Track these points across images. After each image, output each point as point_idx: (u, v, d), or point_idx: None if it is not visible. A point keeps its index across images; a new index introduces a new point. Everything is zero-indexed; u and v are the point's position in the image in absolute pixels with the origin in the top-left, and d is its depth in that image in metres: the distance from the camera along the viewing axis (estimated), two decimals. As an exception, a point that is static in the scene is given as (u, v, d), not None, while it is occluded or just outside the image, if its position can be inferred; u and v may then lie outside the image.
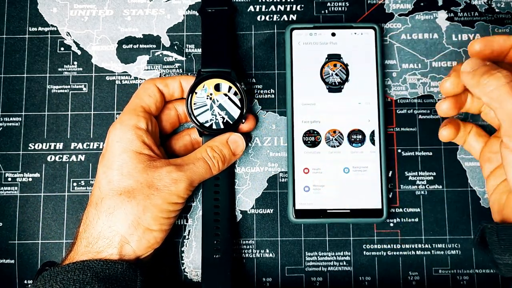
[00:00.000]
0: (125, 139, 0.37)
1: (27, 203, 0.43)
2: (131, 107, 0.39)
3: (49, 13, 0.45)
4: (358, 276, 0.42)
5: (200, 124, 0.40)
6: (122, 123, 0.38)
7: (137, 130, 0.38)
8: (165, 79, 0.41)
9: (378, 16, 0.45)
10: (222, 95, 0.40)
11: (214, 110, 0.40)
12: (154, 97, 0.40)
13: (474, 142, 0.40)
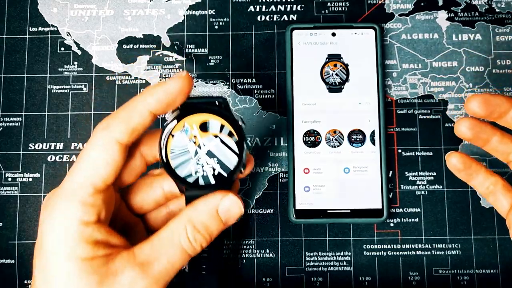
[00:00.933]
0: (66, 245, 0.26)
1: (27, 203, 0.43)
2: (75, 183, 0.28)
3: (49, 13, 0.45)
4: (358, 276, 0.42)
5: (181, 179, 0.29)
6: (59, 216, 0.27)
7: (83, 227, 0.27)
8: (128, 119, 0.28)
9: (379, 16, 0.45)
10: (211, 137, 0.29)
11: (200, 159, 0.29)
12: (114, 162, 0.28)
13: (502, 198, 0.33)
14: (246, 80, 0.44)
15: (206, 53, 0.45)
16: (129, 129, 0.28)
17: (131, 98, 0.30)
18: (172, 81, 0.28)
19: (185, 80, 0.28)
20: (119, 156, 0.28)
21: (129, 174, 0.31)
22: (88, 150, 0.28)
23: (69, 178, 0.28)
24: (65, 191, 0.28)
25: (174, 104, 0.28)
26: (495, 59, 0.44)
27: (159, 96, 0.28)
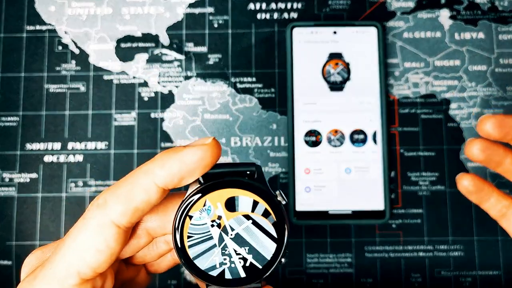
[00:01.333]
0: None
1: (25, 203, 0.42)
2: (57, 272, 0.23)
3: (46, 11, 0.45)
4: (359, 278, 0.41)
5: (202, 274, 0.23)
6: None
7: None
8: (130, 196, 0.22)
9: (380, 14, 0.44)
10: (241, 218, 0.23)
11: (226, 248, 0.23)
12: (109, 249, 0.23)
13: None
14: (246, 79, 0.44)
15: (206, 51, 0.44)
16: (130, 209, 0.22)
17: (136, 169, 0.23)
18: (192, 150, 0.22)
19: (210, 149, 0.22)
20: (115, 242, 0.22)
21: (130, 251, 0.25)
22: (78, 231, 0.22)
23: (50, 263, 0.23)
24: (46, 277, 0.23)
25: (191, 179, 0.22)
26: (498, 58, 0.44)
27: (172, 168, 0.22)
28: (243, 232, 0.23)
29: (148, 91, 0.44)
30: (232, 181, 0.23)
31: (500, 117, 0.29)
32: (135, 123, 0.43)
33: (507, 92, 0.43)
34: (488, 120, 0.29)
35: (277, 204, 0.23)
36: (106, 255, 0.22)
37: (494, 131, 0.29)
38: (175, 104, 0.44)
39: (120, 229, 0.22)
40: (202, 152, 0.21)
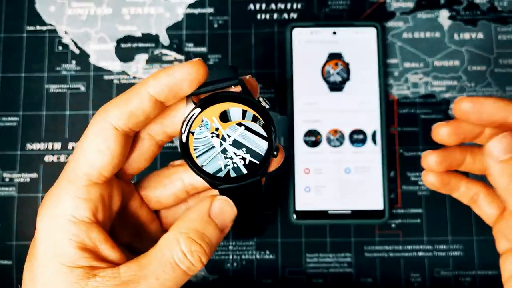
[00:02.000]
0: (50, 241, 0.24)
1: (25, 203, 0.42)
2: (68, 174, 0.25)
3: (47, 11, 0.45)
4: (359, 277, 0.41)
5: (211, 176, 0.27)
6: (50, 211, 0.25)
7: (71, 226, 0.24)
8: (126, 102, 0.25)
9: (380, 15, 0.45)
10: (235, 126, 0.26)
11: (227, 152, 0.26)
12: (109, 150, 0.25)
13: (486, 207, 0.31)
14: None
15: (206, 51, 0.44)
16: (126, 113, 0.25)
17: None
18: (179, 66, 0.25)
19: (196, 66, 0.24)
20: (115, 143, 0.25)
21: (137, 160, 0.27)
22: (83, 137, 0.26)
23: (64, 169, 0.26)
24: (58, 183, 0.25)
25: (180, 92, 0.25)
26: (497, 58, 0.44)
27: (162, 80, 0.24)
28: (238, 137, 0.26)
29: (148, 91, 0.44)
30: (221, 97, 0.26)
31: (454, 124, 0.29)
32: (135, 123, 0.43)
33: (507, 92, 0.43)
34: (465, 100, 0.28)
35: (263, 109, 0.26)
36: (107, 156, 0.25)
37: (471, 110, 0.28)
38: (175, 104, 0.44)
39: (118, 131, 0.25)
40: (188, 68, 0.24)
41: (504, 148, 0.26)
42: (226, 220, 0.27)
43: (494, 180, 0.27)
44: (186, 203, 0.31)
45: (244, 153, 0.26)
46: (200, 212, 0.26)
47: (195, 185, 0.29)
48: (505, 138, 0.26)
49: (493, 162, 0.26)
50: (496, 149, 0.26)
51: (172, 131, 0.27)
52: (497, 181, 0.26)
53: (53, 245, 0.24)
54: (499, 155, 0.26)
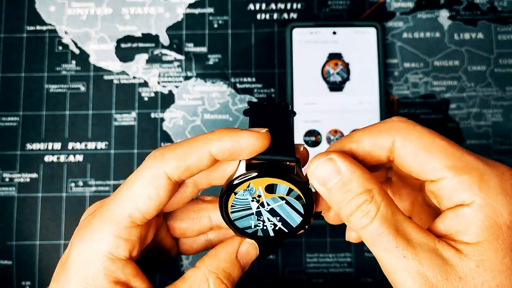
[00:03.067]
0: (86, 273, 0.25)
1: (25, 203, 0.42)
2: (114, 213, 0.26)
3: (47, 12, 0.45)
4: (359, 277, 0.41)
5: (239, 230, 0.28)
6: (88, 242, 0.26)
7: (109, 262, 0.25)
8: (186, 156, 0.25)
9: (380, 15, 0.44)
10: (277, 199, 0.27)
11: (261, 215, 0.27)
12: (158, 198, 0.26)
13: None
14: (246, 79, 0.44)
15: (206, 51, 0.44)
16: (183, 166, 0.25)
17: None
18: (246, 135, 0.25)
19: (262, 138, 0.25)
20: (165, 193, 0.25)
21: (176, 201, 0.28)
22: (134, 178, 0.25)
23: (109, 202, 0.26)
24: (102, 219, 0.26)
25: (238, 158, 0.25)
26: (497, 58, 0.44)
27: (226, 143, 0.25)
28: (277, 207, 0.27)
29: (148, 91, 0.44)
30: (275, 172, 0.26)
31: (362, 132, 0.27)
32: (135, 123, 0.43)
33: (507, 92, 0.43)
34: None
35: (308, 191, 0.26)
36: (155, 202, 0.25)
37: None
38: (175, 104, 0.44)
39: (171, 181, 0.25)
40: (255, 139, 0.25)
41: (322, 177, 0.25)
42: (249, 261, 0.28)
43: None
44: (206, 234, 0.31)
45: (277, 221, 0.27)
46: (229, 252, 0.27)
47: (221, 225, 0.29)
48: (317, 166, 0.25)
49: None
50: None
51: (217, 181, 0.28)
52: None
53: (89, 277, 0.25)
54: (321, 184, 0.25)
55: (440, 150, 0.24)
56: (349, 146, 0.25)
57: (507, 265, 0.22)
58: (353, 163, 0.24)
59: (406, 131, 0.24)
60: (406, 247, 0.22)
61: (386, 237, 0.23)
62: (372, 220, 0.23)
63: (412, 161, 0.24)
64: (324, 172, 0.24)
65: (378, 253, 0.23)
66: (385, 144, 0.25)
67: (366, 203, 0.23)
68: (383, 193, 0.23)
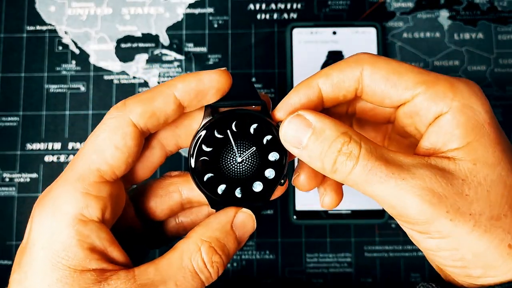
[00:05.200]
0: (55, 244, 0.22)
1: (25, 203, 0.42)
2: (78, 169, 0.23)
3: (47, 11, 0.45)
4: (359, 277, 0.41)
5: (213, 193, 0.26)
6: (52, 208, 0.22)
7: (80, 225, 0.22)
8: (150, 100, 0.24)
9: (380, 15, 0.44)
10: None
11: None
12: (126, 147, 0.24)
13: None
14: (246, 79, 0.44)
15: (205, 51, 0.44)
16: (148, 111, 0.23)
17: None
18: (207, 73, 0.24)
19: (223, 75, 0.24)
20: (132, 141, 0.23)
21: (143, 167, 0.26)
22: (97, 131, 0.24)
23: (70, 164, 0.24)
24: (64, 179, 0.23)
25: (204, 99, 0.24)
26: (497, 58, 0.44)
27: (190, 83, 0.24)
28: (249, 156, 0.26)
29: (148, 91, 0.44)
30: (241, 113, 0.25)
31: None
32: (135, 123, 0.43)
33: (507, 92, 0.43)
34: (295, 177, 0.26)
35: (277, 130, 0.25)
36: (123, 153, 0.24)
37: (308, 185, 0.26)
38: (175, 104, 0.44)
39: (137, 129, 0.24)
40: (216, 75, 0.24)
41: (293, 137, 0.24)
42: (246, 233, 0.26)
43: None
44: (176, 217, 0.29)
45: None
46: (223, 222, 0.25)
47: (192, 199, 0.28)
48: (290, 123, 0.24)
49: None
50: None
51: (184, 141, 0.27)
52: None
53: (59, 248, 0.22)
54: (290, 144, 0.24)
55: (408, 70, 0.24)
56: (316, 81, 0.25)
57: (499, 157, 0.22)
58: (320, 114, 0.23)
59: (374, 59, 0.24)
60: (401, 171, 0.22)
61: (378, 169, 0.22)
62: (358, 158, 0.22)
63: (384, 85, 0.24)
64: (296, 129, 0.23)
65: (375, 190, 0.22)
66: (354, 74, 0.24)
67: (346, 145, 0.22)
68: (358, 133, 0.23)
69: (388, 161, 0.22)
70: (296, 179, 0.26)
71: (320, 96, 0.25)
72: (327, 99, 0.25)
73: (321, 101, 0.25)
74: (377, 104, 0.25)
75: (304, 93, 0.25)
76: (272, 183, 0.26)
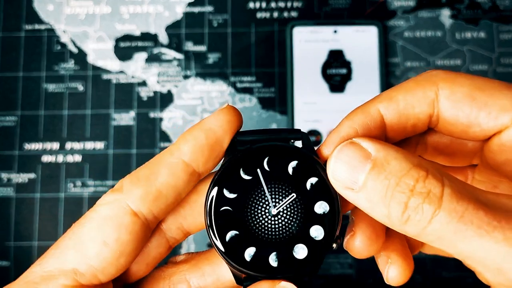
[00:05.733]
0: None
1: (23, 204, 0.42)
2: (46, 266, 0.18)
3: (45, 10, 0.45)
4: (360, 279, 0.41)
5: (237, 259, 0.19)
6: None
7: None
8: (151, 177, 0.18)
9: (381, 13, 0.44)
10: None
11: None
12: (119, 244, 0.18)
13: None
14: (246, 78, 0.44)
15: (205, 50, 0.44)
16: (151, 193, 0.18)
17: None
18: (212, 116, 0.19)
19: (231, 110, 0.19)
20: (129, 236, 0.17)
21: (141, 263, 0.20)
22: (83, 219, 0.18)
23: (40, 259, 0.18)
24: (24, 278, 0.18)
25: (219, 148, 0.19)
26: (499, 57, 0.44)
27: (198, 139, 0.18)
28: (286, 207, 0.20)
29: (147, 90, 0.43)
30: (277, 147, 0.19)
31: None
32: (133, 123, 0.43)
33: (508, 91, 0.43)
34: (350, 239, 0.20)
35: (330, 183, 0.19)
36: (113, 252, 0.17)
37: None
38: (174, 103, 0.43)
39: (138, 219, 0.18)
40: (223, 114, 0.19)
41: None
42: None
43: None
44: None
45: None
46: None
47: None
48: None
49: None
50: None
51: (191, 223, 0.20)
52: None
53: None
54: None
55: (502, 86, 0.17)
56: (376, 106, 0.19)
57: None
58: (382, 142, 0.17)
59: (453, 75, 0.18)
60: (509, 221, 0.15)
61: (475, 216, 0.15)
62: (441, 200, 0.15)
63: (469, 108, 0.17)
64: (349, 162, 0.17)
65: (470, 248, 0.15)
66: (426, 95, 0.18)
67: (422, 181, 0.16)
68: (437, 164, 0.17)
69: (487, 204, 0.15)
70: (350, 241, 0.19)
71: (382, 126, 0.19)
72: (391, 130, 0.19)
73: (383, 132, 0.19)
74: (459, 136, 0.18)
75: (361, 122, 0.19)
76: (321, 246, 0.19)
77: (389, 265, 0.19)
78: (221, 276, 0.20)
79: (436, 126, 0.19)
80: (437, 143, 0.20)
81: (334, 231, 0.19)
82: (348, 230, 0.20)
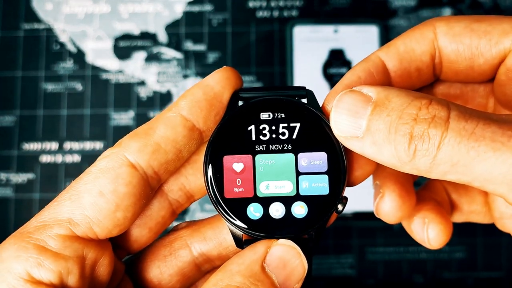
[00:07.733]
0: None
1: (22, 204, 0.42)
2: (43, 216, 0.18)
3: (43, 9, 0.45)
4: (361, 279, 0.41)
5: (244, 220, 0.18)
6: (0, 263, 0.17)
7: (26, 286, 0.16)
8: (149, 131, 0.18)
9: (382, 13, 0.44)
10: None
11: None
12: (116, 195, 0.17)
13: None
14: (246, 77, 0.44)
15: (205, 50, 0.44)
16: (149, 144, 0.17)
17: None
18: (210, 75, 0.19)
19: (229, 70, 0.19)
20: (125, 188, 0.17)
21: (142, 227, 0.19)
22: (82, 174, 0.18)
23: (39, 213, 0.18)
24: (23, 227, 0.18)
25: (219, 104, 0.19)
26: (501, 57, 0.44)
27: (195, 94, 0.18)
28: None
29: (146, 90, 0.43)
30: (280, 100, 0.18)
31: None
32: (133, 122, 0.43)
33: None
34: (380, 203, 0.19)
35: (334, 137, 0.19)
36: (109, 203, 0.17)
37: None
38: (174, 103, 0.43)
39: (136, 171, 0.17)
40: (222, 72, 0.19)
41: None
42: (291, 277, 0.17)
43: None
44: (195, 287, 0.21)
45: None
46: (247, 262, 0.17)
47: (209, 254, 0.20)
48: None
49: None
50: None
51: (194, 184, 0.20)
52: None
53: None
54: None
55: (497, 16, 0.17)
56: (376, 53, 0.18)
57: None
58: (385, 86, 0.17)
59: (448, 16, 0.18)
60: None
61: (487, 130, 0.14)
62: (447, 121, 0.14)
63: (469, 38, 0.17)
64: (350, 109, 0.16)
65: (484, 166, 0.14)
66: (424, 35, 0.18)
67: (425, 108, 0.15)
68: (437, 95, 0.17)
69: (498, 121, 0.14)
70: (380, 204, 0.19)
71: (385, 72, 0.18)
72: (396, 76, 0.18)
73: (387, 79, 0.18)
74: (465, 79, 0.18)
75: (363, 69, 0.18)
76: (324, 204, 0.18)
77: (427, 226, 0.19)
78: (223, 240, 0.20)
79: (442, 74, 0.18)
80: (447, 95, 0.20)
81: (338, 189, 0.18)
82: (376, 194, 0.19)
